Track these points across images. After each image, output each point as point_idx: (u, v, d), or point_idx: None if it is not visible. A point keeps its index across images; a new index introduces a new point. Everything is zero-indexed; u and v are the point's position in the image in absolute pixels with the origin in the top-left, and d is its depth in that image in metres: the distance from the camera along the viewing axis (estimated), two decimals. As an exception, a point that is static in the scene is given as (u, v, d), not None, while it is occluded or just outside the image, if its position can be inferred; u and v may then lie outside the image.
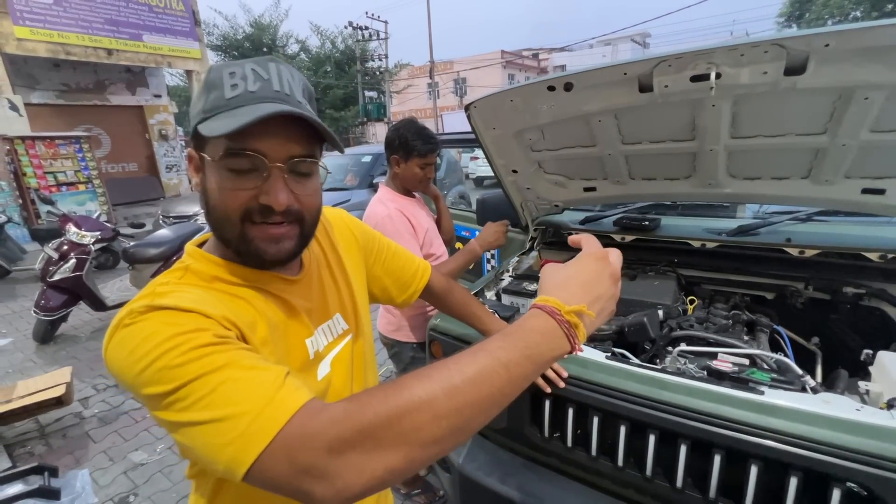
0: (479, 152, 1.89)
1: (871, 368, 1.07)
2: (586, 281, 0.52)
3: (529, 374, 0.47)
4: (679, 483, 0.98)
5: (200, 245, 0.69)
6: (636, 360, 1.16)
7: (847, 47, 0.96)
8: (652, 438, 1.00)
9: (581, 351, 0.51)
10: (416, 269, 1.02)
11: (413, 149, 1.68)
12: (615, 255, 0.56)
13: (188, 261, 0.64)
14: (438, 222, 1.95)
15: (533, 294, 1.59)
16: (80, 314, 4.47)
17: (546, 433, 1.19)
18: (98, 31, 8.84)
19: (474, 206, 2.48)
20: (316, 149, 0.63)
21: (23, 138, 7.22)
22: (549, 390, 1.11)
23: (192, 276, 0.61)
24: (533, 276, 1.72)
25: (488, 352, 0.46)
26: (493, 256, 2.78)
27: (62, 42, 8.37)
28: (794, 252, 1.47)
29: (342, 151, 0.68)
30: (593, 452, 1.10)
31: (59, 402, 2.59)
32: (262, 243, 0.60)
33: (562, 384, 1.10)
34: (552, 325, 0.48)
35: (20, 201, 7.21)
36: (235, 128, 0.52)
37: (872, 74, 1.00)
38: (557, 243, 2.02)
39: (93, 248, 4.06)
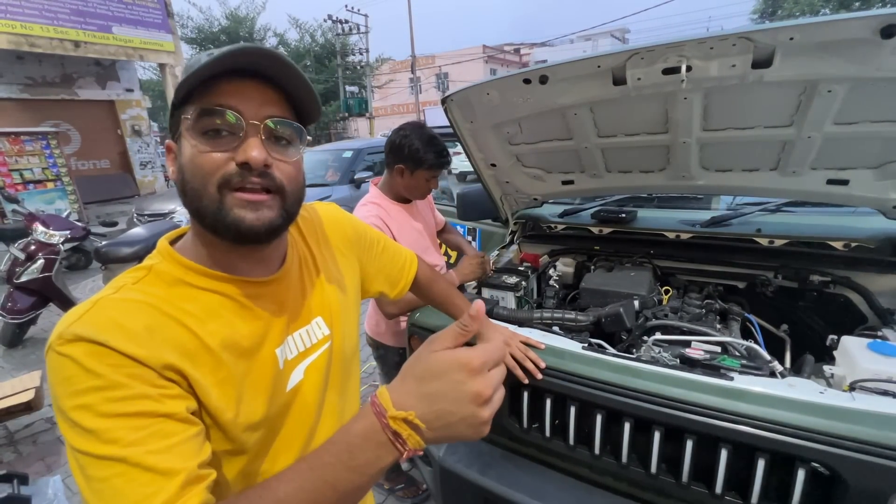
0: (461, 147, 1.90)
1: (835, 353, 1.11)
2: (435, 390, 0.44)
3: (363, 483, 0.46)
4: (653, 469, 1.00)
5: (175, 240, 0.65)
6: (612, 350, 1.17)
7: (811, 41, 0.99)
8: (627, 426, 1.02)
9: (410, 456, 0.45)
10: (403, 262, 1.01)
11: (423, 162, 1.54)
12: (494, 376, 0.46)
13: (155, 259, 0.61)
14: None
15: (512, 287, 1.60)
16: (51, 316, 4.32)
17: (525, 424, 1.20)
18: (64, 22, 8.46)
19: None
20: (293, 117, 0.61)
21: (-15, 134, 6.92)
22: (526, 381, 1.12)
23: (153, 278, 0.58)
24: (513, 269, 1.73)
25: (314, 470, 0.46)
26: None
27: (25, 33, 7.99)
28: (763, 242, 1.51)
29: (319, 111, 0.65)
30: (571, 441, 1.12)
31: (28, 407, 2.49)
32: (240, 210, 0.56)
33: (539, 375, 1.11)
34: (376, 429, 0.44)
35: (-17, 200, 6.90)
36: (206, 60, 0.51)
37: (835, 67, 1.02)
38: (537, 237, 2.03)
39: (62, 247, 3.92)
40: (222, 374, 0.57)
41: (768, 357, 1.10)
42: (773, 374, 1.01)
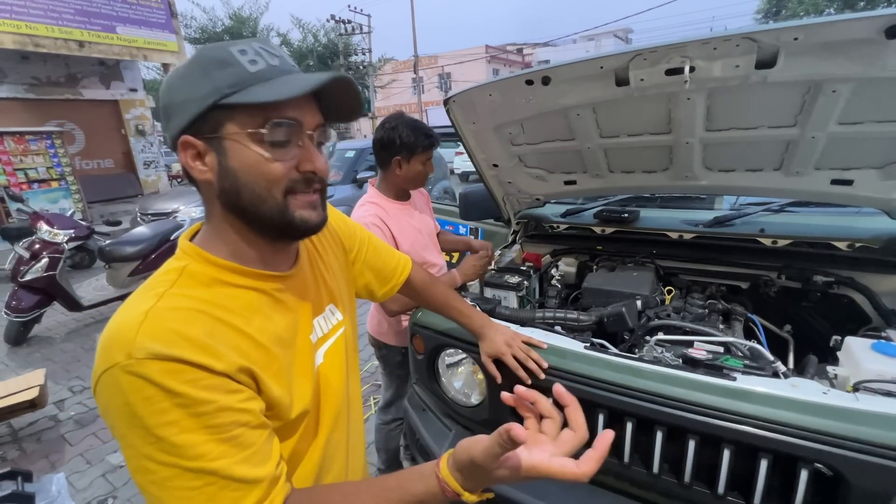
0: (463, 147, 1.90)
1: (839, 354, 1.10)
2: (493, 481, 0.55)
3: None
4: (655, 469, 1.00)
5: (192, 238, 0.64)
6: (614, 350, 1.17)
7: (815, 41, 0.98)
8: (629, 426, 1.02)
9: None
10: (396, 263, 1.02)
11: (416, 146, 1.57)
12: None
13: (184, 260, 0.59)
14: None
15: (515, 287, 1.60)
16: (55, 315, 4.34)
17: (527, 424, 1.20)
18: (69, 22, 8.50)
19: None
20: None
21: (-10, 134, 6.94)
22: (529, 382, 1.12)
23: (188, 280, 0.57)
24: (515, 269, 1.73)
25: None
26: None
27: (30, 34, 8.03)
28: (767, 242, 1.51)
29: (360, 113, 0.69)
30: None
31: (32, 405, 2.52)
32: (305, 211, 0.61)
33: (542, 375, 1.11)
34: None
35: (-12, 199, 6.92)
36: (311, 87, 0.54)
37: (839, 67, 1.02)
38: (539, 236, 2.03)
39: (66, 246, 3.95)
40: (275, 367, 0.59)
41: (771, 357, 1.09)
42: (776, 375, 1.01)
